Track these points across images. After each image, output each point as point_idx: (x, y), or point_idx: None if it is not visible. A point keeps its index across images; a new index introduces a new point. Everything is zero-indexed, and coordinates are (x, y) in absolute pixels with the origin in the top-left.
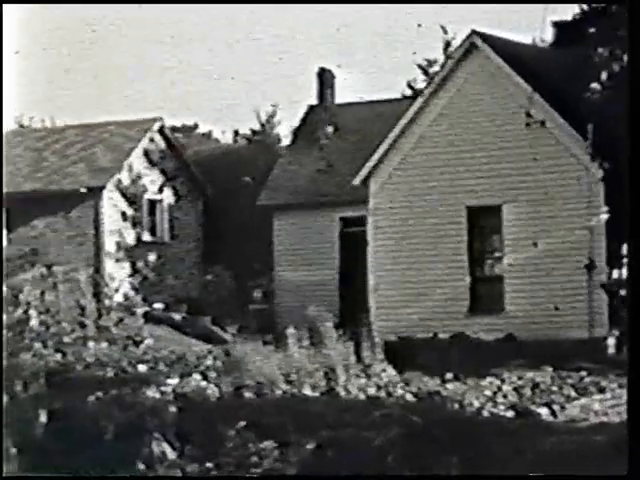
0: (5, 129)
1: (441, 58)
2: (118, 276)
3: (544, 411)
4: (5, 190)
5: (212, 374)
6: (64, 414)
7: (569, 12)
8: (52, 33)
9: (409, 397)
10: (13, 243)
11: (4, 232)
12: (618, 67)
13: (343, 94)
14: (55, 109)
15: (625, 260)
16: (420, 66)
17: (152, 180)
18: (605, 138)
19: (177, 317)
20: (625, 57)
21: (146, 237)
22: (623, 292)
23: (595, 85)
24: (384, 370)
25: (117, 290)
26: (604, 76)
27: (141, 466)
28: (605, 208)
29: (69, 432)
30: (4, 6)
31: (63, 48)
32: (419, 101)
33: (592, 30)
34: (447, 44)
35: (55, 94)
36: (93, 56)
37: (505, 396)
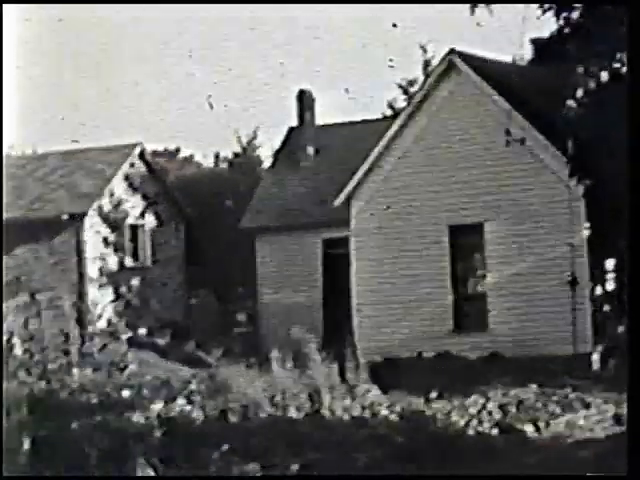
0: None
1: (421, 77)
2: (101, 302)
3: (529, 428)
4: None
5: (197, 398)
6: (48, 441)
7: (547, 29)
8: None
9: (394, 417)
10: None
11: None
12: (594, 84)
13: (324, 115)
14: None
15: (609, 275)
16: (400, 85)
17: (133, 205)
18: (585, 155)
19: (161, 342)
20: (601, 74)
21: (128, 262)
22: (607, 307)
23: (571, 102)
24: (369, 390)
25: (100, 316)
26: (580, 93)
27: None
28: (586, 224)
29: (53, 459)
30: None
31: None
32: (399, 121)
33: (569, 47)
34: (426, 63)
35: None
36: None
37: (490, 414)
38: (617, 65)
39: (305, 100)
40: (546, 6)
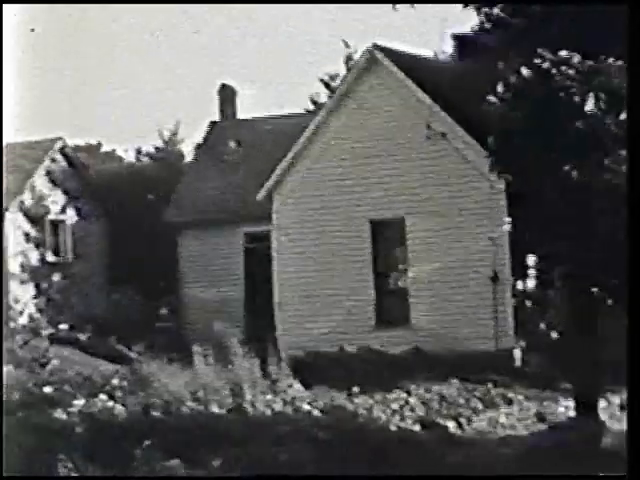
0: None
1: (343, 72)
2: (22, 298)
3: (451, 424)
4: None
5: (119, 394)
6: None
7: (468, 24)
8: None
9: (316, 412)
10: None
11: None
12: (515, 79)
13: (246, 109)
14: None
15: (530, 271)
16: (322, 80)
17: (54, 200)
18: (506, 149)
19: (83, 337)
20: (522, 69)
21: (50, 258)
22: (528, 303)
23: (491, 97)
24: (290, 385)
25: (22, 312)
26: (500, 88)
27: None
28: (508, 219)
29: None
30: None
31: None
32: (321, 115)
33: (490, 42)
34: (349, 58)
35: None
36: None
37: (412, 409)
38: (538, 60)
39: (227, 94)
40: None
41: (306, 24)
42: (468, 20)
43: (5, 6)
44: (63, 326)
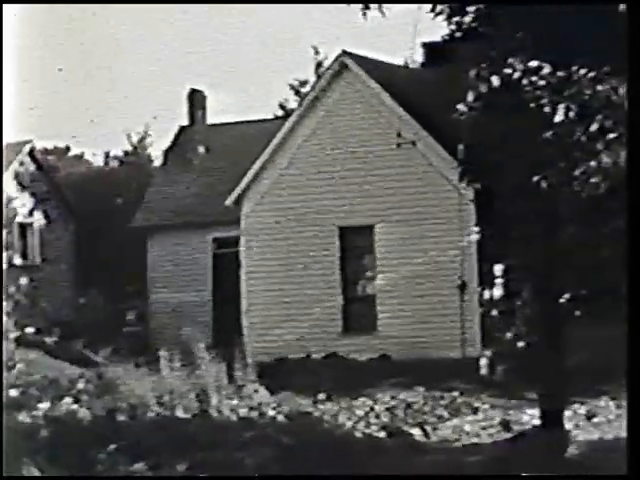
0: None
1: (313, 78)
2: None
3: (416, 431)
4: None
5: (84, 397)
6: None
7: (439, 33)
8: None
9: (281, 418)
10: None
11: None
12: (485, 88)
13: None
14: None
15: (498, 280)
16: (292, 86)
17: (23, 203)
18: (476, 159)
19: (49, 341)
20: (492, 78)
21: (17, 261)
22: (495, 312)
23: (461, 106)
24: (256, 391)
25: None
26: (470, 97)
27: None
28: (476, 228)
29: None
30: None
31: None
32: (290, 121)
33: (461, 51)
34: (319, 64)
35: None
36: None
37: (378, 416)
38: (508, 70)
39: (196, 99)
40: (438, 9)
41: (276, 29)
42: (439, 29)
43: (5, 6)
44: (30, 329)
